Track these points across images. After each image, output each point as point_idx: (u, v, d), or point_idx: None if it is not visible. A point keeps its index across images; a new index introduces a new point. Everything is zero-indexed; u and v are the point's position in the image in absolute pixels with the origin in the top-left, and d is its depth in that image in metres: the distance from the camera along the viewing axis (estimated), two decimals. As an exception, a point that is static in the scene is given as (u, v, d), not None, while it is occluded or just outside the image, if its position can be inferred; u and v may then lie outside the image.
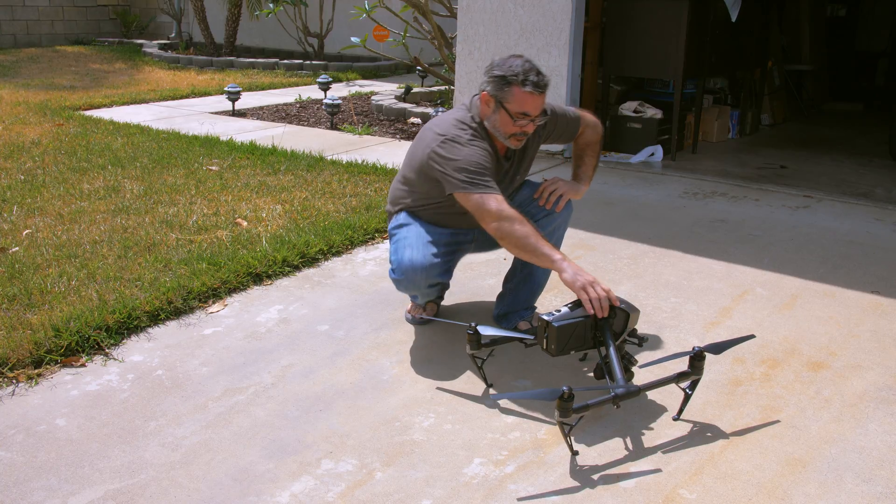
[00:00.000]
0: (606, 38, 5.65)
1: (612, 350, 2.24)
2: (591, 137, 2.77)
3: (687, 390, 2.29)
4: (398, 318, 2.97)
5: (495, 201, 2.33)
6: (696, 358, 2.24)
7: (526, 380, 2.54)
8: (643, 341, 2.42)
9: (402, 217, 2.69)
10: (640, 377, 2.38)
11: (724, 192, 4.73)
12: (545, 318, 2.27)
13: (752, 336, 2.49)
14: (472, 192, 2.35)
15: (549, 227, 2.67)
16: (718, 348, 2.32)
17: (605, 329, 2.27)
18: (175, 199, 4.28)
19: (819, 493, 1.98)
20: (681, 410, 2.32)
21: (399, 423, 2.29)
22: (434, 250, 2.56)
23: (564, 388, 2.00)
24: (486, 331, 2.41)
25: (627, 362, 2.34)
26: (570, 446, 2.12)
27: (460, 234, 2.71)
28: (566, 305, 2.33)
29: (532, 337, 2.40)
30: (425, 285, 2.62)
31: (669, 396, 2.42)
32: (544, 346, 2.29)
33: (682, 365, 2.29)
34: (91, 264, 3.28)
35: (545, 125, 2.61)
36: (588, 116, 2.76)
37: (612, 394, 2.12)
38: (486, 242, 2.73)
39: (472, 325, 2.40)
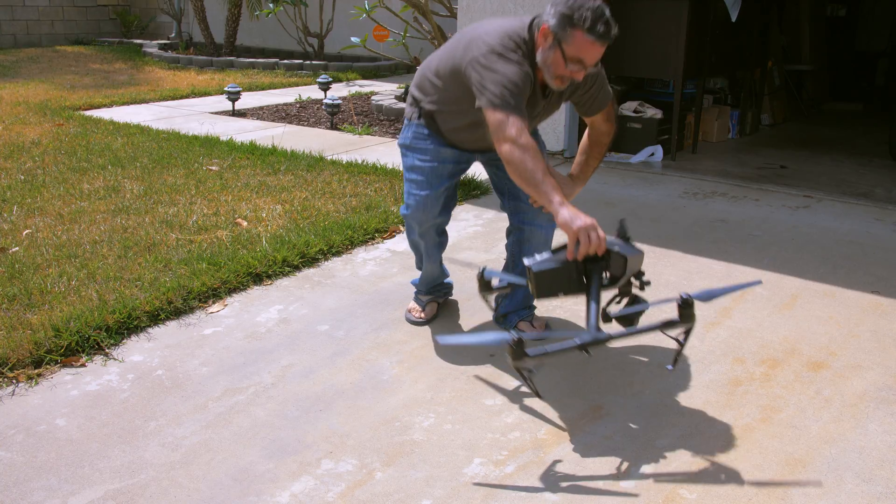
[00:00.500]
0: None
1: (592, 295, 2.16)
2: (604, 137, 2.70)
3: (679, 340, 2.20)
4: (398, 318, 2.97)
5: (516, 126, 2.23)
6: (684, 306, 2.13)
7: (526, 380, 2.53)
8: (645, 284, 2.30)
9: (413, 134, 2.64)
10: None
11: (724, 192, 4.73)
12: (527, 261, 2.22)
13: (758, 282, 2.41)
14: (498, 110, 2.26)
15: (529, 227, 2.68)
16: (710, 295, 2.19)
17: (592, 274, 2.19)
18: (175, 199, 4.28)
19: (819, 493, 1.98)
20: (675, 361, 2.25)
21: (399, 423, 2.29)
22: (437, 190, 2.62)
23: (513, 334, 1.99)
24: (494, 274, 2.40)
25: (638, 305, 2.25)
26: (535, 391, 2.15)
27: (462, 161, 2.69)
28: (553, 249, 2.26)
29: (524, 280, 2.34)
30: (429, 225, 2.66)
31: (669, 396, 2.42)
32: (530, 290, 2.26)
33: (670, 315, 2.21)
34: (91, 264, 3.28)
35: (589, 78, 2.49)
36: (612, 110, 2.68)
37: (576, 341, 2.06)
38: (491, 163, 2.73)
39: (482, 269, 2.40)
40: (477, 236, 3.85)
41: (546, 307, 3.00)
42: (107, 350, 2.69)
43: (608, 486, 2.01)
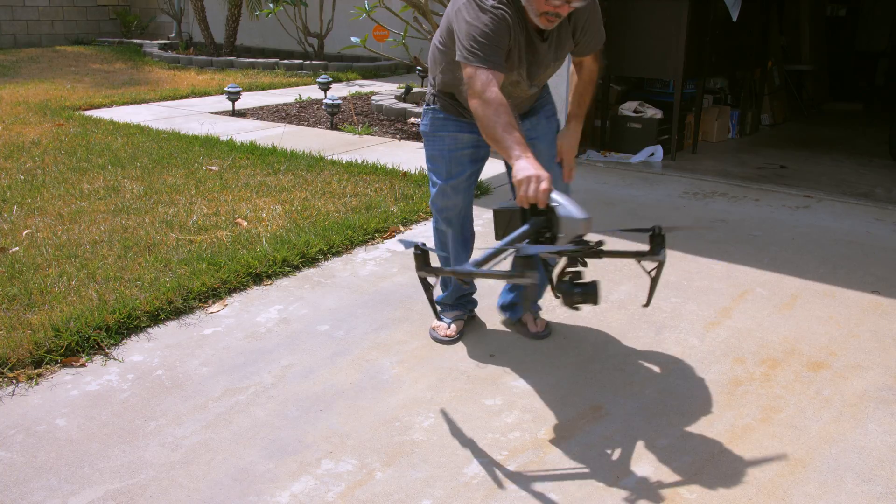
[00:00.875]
0: (606, 38, 5.65)
1: (508, 236, 2.11)
2: (594, 75, 2.75)
3: (526, 295, 2.21)
4: (398, 318, 2.97)
5: (481, 81, 2.21)
6: (520, 257, 2.00)
7: (526, 380, 2.53)
8: (584, 263, 2.18)
9: (430, 120, 2.63)
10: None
11: (724, 192, 4.73)
12: (500, 203, 2.29)
13: (598, 244, 2.16)
14: (469, 64, 2.24)
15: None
16: (533, 251, 2.07)
17: (529, 223, 2.14)
18: (175, 199, 4.28)
19: (819, 493, 1.98)
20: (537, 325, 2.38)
21: (399, 423, 2.29)
22: (457, 178, 2.64)
23: (419, 243, 2.15)
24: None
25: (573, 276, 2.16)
26: (431, 303, 2.33)
27: (482, 145, 2.61)
28: None
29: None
30: (453, 213, 2.70)
31: (669, 396, 2.42)
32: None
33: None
34: (91, 264, 3.28)
35: (579, 16, 2.46)
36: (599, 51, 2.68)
37: (452, 268, 2.21)
38: None
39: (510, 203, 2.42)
40: (477, 236, 3.84)
41: (546, 307, 2.99)
42: (107, 350, 2.69)
43: (608, 486, 2.01)
